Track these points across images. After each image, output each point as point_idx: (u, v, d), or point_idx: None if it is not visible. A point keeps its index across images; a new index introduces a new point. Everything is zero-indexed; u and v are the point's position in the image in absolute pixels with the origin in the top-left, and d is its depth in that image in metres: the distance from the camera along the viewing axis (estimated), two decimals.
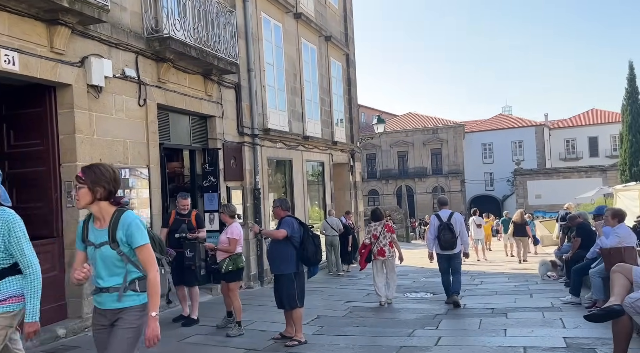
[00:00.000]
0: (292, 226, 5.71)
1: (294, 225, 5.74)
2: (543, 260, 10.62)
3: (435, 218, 8.12)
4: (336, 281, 11.52)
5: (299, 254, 5.70)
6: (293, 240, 5.67)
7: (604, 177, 42.21)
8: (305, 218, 12.87)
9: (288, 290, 5.72)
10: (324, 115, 14.43)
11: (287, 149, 12.05)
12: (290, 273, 5.72)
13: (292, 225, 5.71)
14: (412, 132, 48.87)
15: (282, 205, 5.97)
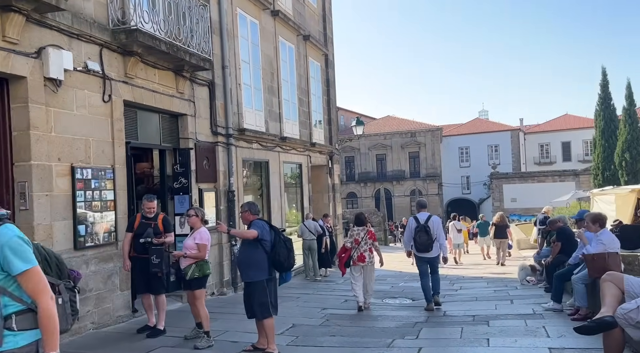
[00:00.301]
0: (263, 228, 5.34)
1: (265, 228, 5.37)
2: (522, 265, 10.46)
3: (412, 220, 8.03)
4: (313, 286, 11.15)
5: (271, 259, 5.33)
6: (264, 244, 5.31)
7: (577, 181, 42.97)
8: (282, 222, 12.47)
9: (260, 298, 5.34)
10: (302, 116, 14.07)
11: (264, 150, 11.65)
12: (262, 280, 5.35)
13: (262, 228, 5.34)
14: (391, 135, 48.93)
15: (250, 209, 5.58)
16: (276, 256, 5.31)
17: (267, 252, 5.33)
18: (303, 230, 12.42)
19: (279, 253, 5.30)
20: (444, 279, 12.30)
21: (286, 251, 5.36)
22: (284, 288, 10.70)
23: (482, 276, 12.60)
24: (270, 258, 5.33)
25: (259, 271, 5.32)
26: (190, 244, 6.05)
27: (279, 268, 5.45)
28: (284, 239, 5.46)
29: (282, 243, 5.36)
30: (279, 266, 5.40)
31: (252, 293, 5.39)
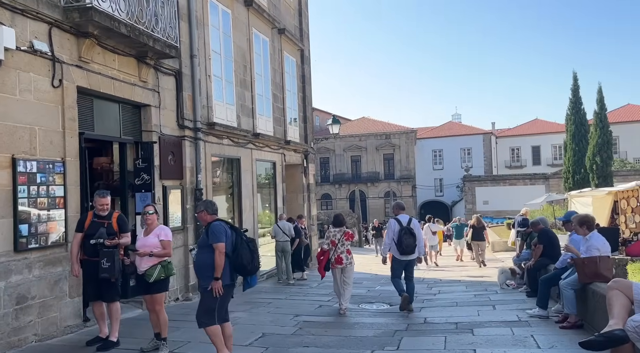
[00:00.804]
0: (224, 231, 4.73)
1: (226, 230, 4.77)
2: (502, 268, 10.08)
3: (395, 223, 7.67)
4: (286, 291, 10.52)
5: (232, 263, 4.75)
6: (225, 247, 4.72)
7: (547, 185, 43.64)
8: (255, 222, 11.81)
9: (206, 305, 4.77)
10: (277, 112, 13.44)
11: (235, 146, 10.97)
12: (225, 285, 4.76)
13: (223, 231, 4.73)
14: (366, 136, 48.68)
15: (207, 209, 4.96)
16: (238, 259, 4.74)
17: (228, 255, 4.73)
18: (276, 232, 11.78)
19: (241, 256, 4.73)
20: (421, 282, 11.88)
21: (249, 253, 4.79)
22: (254, 293, 10.11)
23: (460, 279, 12.20)
24: (231, 262, 4.74)
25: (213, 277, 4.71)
26: (154, 242, 5.43)
27: (241, 272, 4.87)
28: (247, 240, 4.87)
29: (244, 244, 4.79)
30: (242, 270, 4.83)
31: (204, 298, 4.82)
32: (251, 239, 4.99)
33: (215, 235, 4.71)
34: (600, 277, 5.78)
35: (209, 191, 9.72)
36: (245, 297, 9.36)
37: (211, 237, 4.73)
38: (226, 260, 4.73)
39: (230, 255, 4.74)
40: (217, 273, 4.67)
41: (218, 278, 4.67)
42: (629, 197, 11.52)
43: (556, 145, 52.64)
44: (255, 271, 4.97)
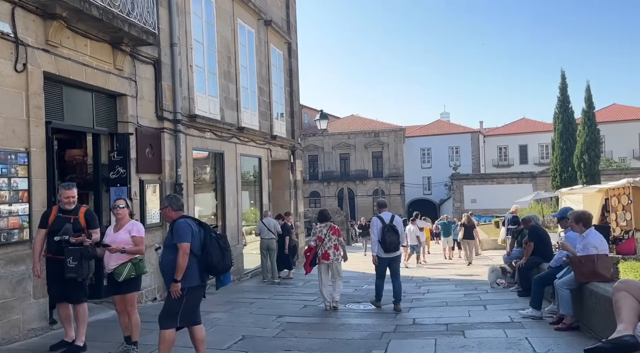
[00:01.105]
0: (190, 230, 4.35)
1: (192, 228, 4.38)
2: (493, 267, 9.79)
3: (378, 221, 7.60)
4: (270, 290, 10.12)
5: (201, 263, 4.36)
6: (192, 246, 4.32)
7: (534, 183, 43.73)
8: (239, 219, 11.39)
9: (170, 307, 4.34)
10: (263, 106, 13.01)
11: (219, 140, 10.53)
12: (194, 287, 4.36)
13: (189, 230, 4.34)
14: (355, 134, 48.38)
15: (172, 204, 4.55)
16: (208, 258, 4.34)
17: (196, 255, 4.34)
18: (261, 229, 11.37)
19: (211, 255, 4.34)
20: (410, 281, 11.57)
21: (220, 251, 4.39)
22: (236, 292, 9.69)
23: (448, 278, 11.91)
24: (200, 262, 4.35)
25: (187, 278, 4.31)
26: (125, 238, 5.01)
27: (212, 271, 4.47)
28: (217, 237, 4.47)
29: (214, 242, 4.38)
30: (212, 269, 4.43)
31: (167, 298, 4.39)
32: (221, 236, 4.59)
33: (179, 234, 4.31)
34: (598, 276, 5.48)
35: (190, 186, 9.28)
36: (226, 297, 8.96)
37: (175, 236, 4.33)
38: (195, 260, 4.34)
39: (198, 254, 4.35)
40: (177, 275, 4.26)
41: (177, 281, 4.25)
42: (619, 195, 11.31)
43: (543, 144, 52.81)
44: (227, 270, 4.58)
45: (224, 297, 8.96)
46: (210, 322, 6.77)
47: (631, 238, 10.71)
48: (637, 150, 48.44)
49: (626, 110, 49.38)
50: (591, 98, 24.39)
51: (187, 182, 9.13)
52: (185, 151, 9.11)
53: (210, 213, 10.72)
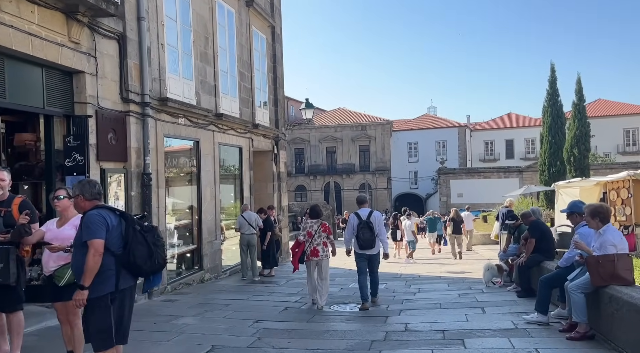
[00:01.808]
0: (104, 223, 3.52)
1: (107, 221, 3.54)
2: (488, 265, 9.09)
3: (354, 217, 7.38)
4: (249, 289, 9.29)
5: (122, 263, 3.54)
6: (108, 243, 3.50)
7: (521, 178, 43.46)
8: (216, 213, 10.53)
9: (98, 323, 3.52)
10: (244, 92, 12.13)
11: (194, 127, 9.64)
12: (105, 296, 3.52)
13: (101, 223, 3.50)
14: (342, 127, 47.59)
15: (84, 193, 3.69)
16: (130, 257, 3.51)
17: (114, 253, 3.51)
18: (241, 224, 10.53)
19: (134, 254, 3.51)
20: (399, 279, 10.86)
21: (146, 249, 3.56)
22: (211, 292, 8.82)
23: (440, 275, 11.21)
24: (120, 262, 3.52)
25: (101, 283, 3.48)
26: (69, 235, 4.15)
27: (137, 272, 3.65)
28: (142, 230, 3.62)
29: (139, 236, 3.55)
30: (137, 271, 3.62)
31: (90, 314, 3.55)
32: (150, 228, 3.72)
33: (89, 229, 3.46)
34: (618, 278, 4.78)
35: (160, 177, 8.40)
36: (200, 298, 8.14)
37: (85, 231, 3.48)
38: (112, 260, 3.50)
39: (118, 252, 3.52)
40: (85, 280, 3.43)
41: (83, 287, 3.43)
42: (619, 188, 10.70)
43: (529, 139, 52.77)
44: (157, 271, 3.73)
45: (197, 298, 8.14)
46: (178, 329, 5.96)
47: (631, 233, 10.11)
48: (622, 145, 48.50)
49: (611, 106, 49.39)
50: (582, 91, 23.89)
51: (157, 172, 8.25)
52: (155, 138, 8.23)
53: (185, 207, 9.85)
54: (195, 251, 9.82)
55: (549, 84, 27.69)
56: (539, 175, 28.35)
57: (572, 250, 5.55)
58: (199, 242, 9.80)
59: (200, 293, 8.56)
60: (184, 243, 9.59)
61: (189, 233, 9.79)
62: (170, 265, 8.90)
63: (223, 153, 11.28)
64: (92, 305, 3.53)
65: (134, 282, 3.76)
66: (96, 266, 3.44)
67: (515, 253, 9.08)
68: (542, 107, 28.32)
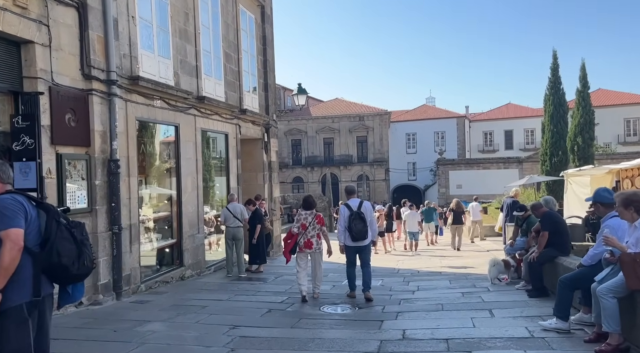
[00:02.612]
0: (22, 209, 2.72)
1: (26, 209, 2.75)
2: (494, 260, 8.24)
3: (345, 208, 7.11)
4: (233, 288, 8.44)
5: (42, 262, 2.74)
6: (25, 238, 2.69)
7: (520, 169, 42.61)
8: (199, 205, 9.66)
9: (12, 343, 2.65)
10: (230, 75, 11.20)
11: (172, 111, 8.74)
12: (19, 306, 2.69)
13: (18, 209, 2.70)
14: (339, 118, 46.58)
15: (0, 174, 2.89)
16: (54, 256, 2.73)
17: (31, 252, 2.71)
18: (226, 216, 9.66)
19: (58, 251, 2.73)
20: (396, 275, 10.03)
21: (74, 247, 2.79)
22: (190, 291, 7.88)
23: (440, 271, 10.37)
24: (39, 262, 2.73)
25: (14, 290, 2.67)
26: None
27: (62, 277, 2.85)
28: (69, 225, 2.85)
29: (64, 233, 2.79)
30: (62, 273, 2.81)
31: (1, 329, 2.67)
32: (77, 224, 2.93)
33: (4, 216, 2.65)
34: None
35: (132, 164, 7.51)
36: (175, 298, 7.28)
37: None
38: (29, 260, 2.66)
39: (36, 250, 2.74)
40: None
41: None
42: (633, 176, 9.84)
43: (529, 130, 51.95)
44: (85, 274, 2.92)
45: (172, 298, 7.28)
46: (140, 338, 5.11)
47: None
48: (622, 135, 47.61)
49: (612, 95, 48.42)
50: (586, 77, 22.93)
51: (127, 159, 7.36)
52: (125, 120, 7.33)
53: (164, 198, 8.98)
54: (174, 246, 8.96)
55: (550, 71, 26.74)
56: (540, 165, 27.48)
57: (600, 245, 4.68)
58: (179, 236, 8.94)
59: (177, 293, 7.71)
60: (162, 238, 8.73)
61: (167, 226, 8.92)
62: (146, 260, 8.05)
63: (207, 140, 10.39)
64: (3, 319, 2.67)
65: (52, 290, 2.90)
66: (14, 263, 2.63)
67: (524, 247, 8.26)
68: (543, 96, 27.47)
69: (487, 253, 13.26)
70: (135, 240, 7.49)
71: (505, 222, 10.58)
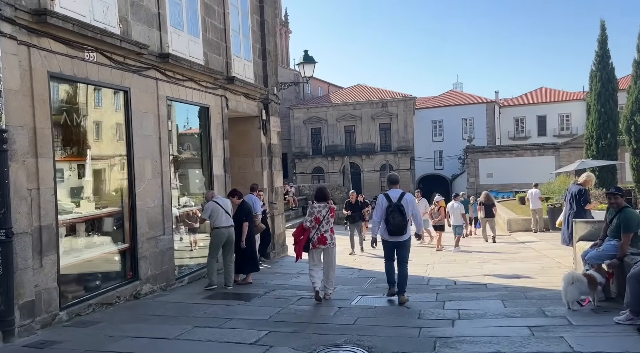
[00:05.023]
0: None
1: None
2: (573, 275, 5.55)
3: (383, 199, 6.44)
4: (197, 312, 5.97)
5: None
6: None
7: (557, 155, 39.11)
8: (164, 197, 7.27)
9: None
10: (212, 33, 8.75)
11: (118, 70, 6.33)
12: None
13: None
14: (360, 105, 43.73)
15: None
16: None
17: None
18: (216, 213, 7.30)
19: None
20: (425, 288, 7.42)
21: None
22: (134, 320, 5.19)
23: (484, 282, 7.72)
24: None
25: None
26: None
27: None
28: None
29: None
30: None
31: None
32: None
33: None
34: None
35: (42, 139, 5.14)
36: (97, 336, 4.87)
37: None
38: None
39: None
40: None
41: None
42: None
43: (563, 115, 48.20)
44: None
45: (95, 335, 4.89)
46: None
47: None
48: None
49: None
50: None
51: (33, 131, 5.00)
52: (29, 75, 4.96)
53: (109, 188, 6.61)
54: (126, 252, 6.59)
55: (598, 44, 23.45)
56: (585, 150, 24.23)
57: None
58: (132, 239, 6.57)
59: (113, 323, 5.33)
60: (105, 243, 6.37)
61: (116, 226, 6.56)
62: (77, 276, 5.72)
63: (179, 113, 7.99)
64: None
65: None
66: None
67: (615, 254, 5.59)
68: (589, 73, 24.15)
69: (539, 254, 10.53)
70: (51, 249, 5.15)
71: (568, 216, 7.84)
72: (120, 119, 6.54)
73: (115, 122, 6.54)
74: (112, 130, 6.56)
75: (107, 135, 6.52)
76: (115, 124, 6.55)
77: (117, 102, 6.52)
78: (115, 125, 6.56)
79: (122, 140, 6.56)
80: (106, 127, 6.49)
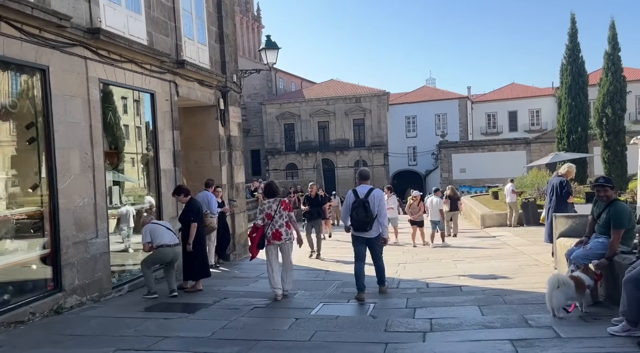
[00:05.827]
0: None
1: None
2: (559, 279, 4.83)
3: (351, 194, 6.25)
4: (127, 330, 5.01)
5: None
6: None
7: (528, 150, 39.23)
8: (97, 194, 6.27)
9: None
10: (159, 10, 7.76)
11: (30, 43, 5.32)
12: None
13: None
14: (334, 100, 42.96)
15: None
16: None
17: None
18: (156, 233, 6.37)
19: None
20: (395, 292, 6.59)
21: None
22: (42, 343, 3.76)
23: (459, 284, 6.97)
24: None
25: None
26: None
27: None
28: None
29: None
30: None
31: None
32: None
33: None
34: None
35: None
36: None
37: None
38: None
39: None
40: None
41: None
42: None
43: (534, 110, 48.64)
44: None
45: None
46: None
47: None
48: (634, 113, 43.95)
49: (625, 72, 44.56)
50: (616, 37, 19.37)
51: None
52: None
53: (24, 185, 5.59)
54: (47, 259, 5.59)
55: (568, 37, 23.22)
56: (557, 144, 24.06)
57: None
58: (53, 243, 5.57)
59: (15, 347, 4.36)
60: (18, 249, 5.36)
61: (34, 229, 5.55)
62: None
63: (114, 98, 6.99)
64: None
65: None
66: None
67: (604, 253, 4.92)
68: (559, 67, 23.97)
69: (515, 251, 9.93)
70: None
71: (549, 210, 7.20)
72: (39, 103, 5.51)
73: (31, 105, 5.51)
74: (28, 116, 5.53)
75: (21, 121, 5.49)
76: (31, 108, 5.52)
77: (33, 82, 5.49)
78: (31, 109, 5.52)
79: (43, 129, 5.54)
80: (20, 112, 5.45)
